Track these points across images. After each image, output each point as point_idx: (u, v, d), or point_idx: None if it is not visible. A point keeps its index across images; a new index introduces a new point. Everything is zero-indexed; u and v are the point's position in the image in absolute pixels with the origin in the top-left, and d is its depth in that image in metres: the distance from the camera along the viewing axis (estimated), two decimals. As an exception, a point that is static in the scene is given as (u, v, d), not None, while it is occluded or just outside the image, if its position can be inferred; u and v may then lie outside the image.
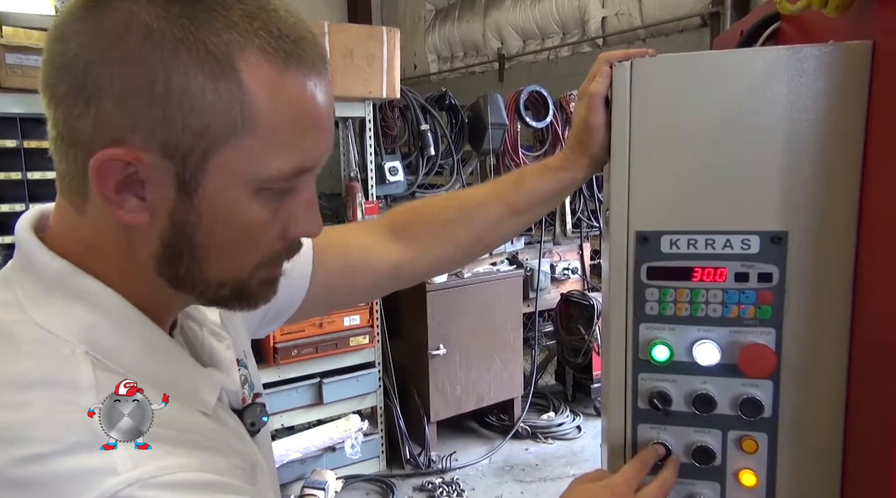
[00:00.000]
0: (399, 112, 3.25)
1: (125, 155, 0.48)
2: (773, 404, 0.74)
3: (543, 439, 3.42)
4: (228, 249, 0.53)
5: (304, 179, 0.54)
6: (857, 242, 0.70)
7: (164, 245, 0.52)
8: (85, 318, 0.52)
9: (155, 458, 0.47)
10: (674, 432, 0.78)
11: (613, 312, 0.79)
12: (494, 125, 3.38)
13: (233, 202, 0.51)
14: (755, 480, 0.75)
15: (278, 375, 2.78)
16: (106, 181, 0.48)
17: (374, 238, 0.89)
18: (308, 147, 0.52)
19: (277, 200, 0.53)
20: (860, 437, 0.71)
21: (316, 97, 0.52)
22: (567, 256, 3.83)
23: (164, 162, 0.49)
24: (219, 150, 0.49)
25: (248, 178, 0.50)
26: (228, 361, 0.66)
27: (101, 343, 0.51)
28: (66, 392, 0.47)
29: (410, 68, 6.64)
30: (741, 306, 0.74)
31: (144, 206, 0.50)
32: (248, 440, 0.64)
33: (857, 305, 0.70)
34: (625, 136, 0.75)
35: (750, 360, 0.72)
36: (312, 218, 0.56)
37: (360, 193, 3.02)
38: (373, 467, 3.10)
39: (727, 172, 0.73)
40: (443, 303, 3.14)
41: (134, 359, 0.52)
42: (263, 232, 0.54)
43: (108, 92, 0.47)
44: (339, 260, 0.86)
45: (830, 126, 0.69)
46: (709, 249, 0.74)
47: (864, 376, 0.70)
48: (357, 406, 3.02)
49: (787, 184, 0.71)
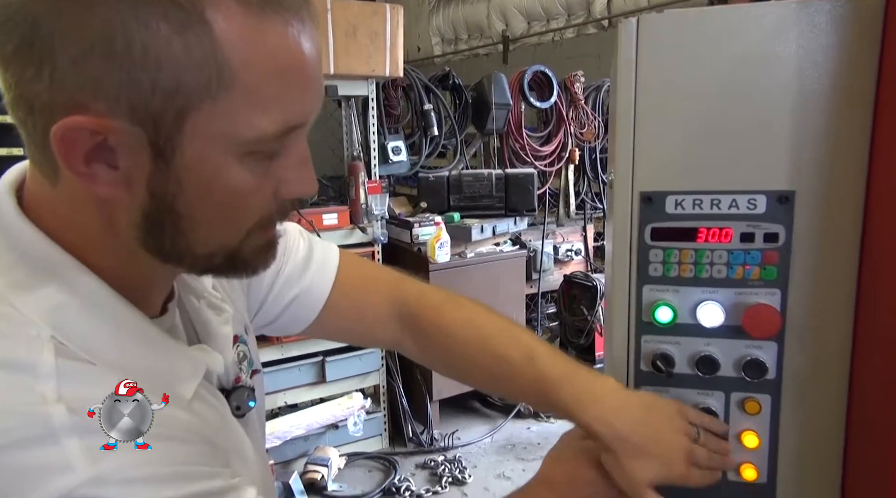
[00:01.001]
0: (402, 91, 3.23)
1: (89, 123, 0.43)
2: (777, 366, 0.73)
3: (545, 418, 3.43)
4: (215, 219, 0.49)
5: (293, 137, 0.49)
6: (866, 201, 0.69)
7: (146, 217, 0.48)
8: (54, 297, 0.48)
9: (114, 453, 0.44)
10: (676, 395, 0.77)
11: (616, 274, 0.78)
12: (498, 105, 3.36)
13: (215, 168, 0.46)
14: (758, 442, 0.75)
15: (281, 353, 2.78)
16: (72, 153, 0.44)
17: (382, 311, 0.84)
18: (294, 103, 0.47)
19: (265, 163, 0.49)
20: (864, 398, 0.70)
21: (300, 45, 0.46)
22: (570, 237, 3.81)
23: (135, 128, 0.44)
24: (194, 112, 0.44)
25: (230, 141, 0.45)
26: (223, 338, 0.63)
27: (68, 326, 0.47)
28: (26, 377, 0.44)
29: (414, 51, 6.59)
30: (746, 267, 0.73)
31: (119, 176, 0.46)
32: (232, 423, 0.62)
33: (864, 264, 0.69)
34: (630, 95, 0.74)
35: (754, 320, 0.72)
36: (305, 177, 0.52)
37: (362, 173, 3.01)
38: (375, 445, 3.11)
39: (734, 131, 0.71)
40: (446, 283, 3.13)
41: (103, 345, 0.49)
42: (252, 198, 0.49)
43: (62, 51, 0.41)
44: (355, 296, 0.83)
45: (841, 82, 0.68)
46: (714, 209, 0.73)
47: (870, 336, 0.69)
48: (360, 384, 3.03)
49: (795, 142, 0.70)
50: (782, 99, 0.69)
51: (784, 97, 0.69)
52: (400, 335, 0.84)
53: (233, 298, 0.71)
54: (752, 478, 0.76)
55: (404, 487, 2.78)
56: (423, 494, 2.78)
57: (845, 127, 0.68)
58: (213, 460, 0.51)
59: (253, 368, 0.70)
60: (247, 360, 0.69)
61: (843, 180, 0.69)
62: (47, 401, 0.43)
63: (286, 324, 0.82)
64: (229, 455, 0.57)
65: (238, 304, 0.72)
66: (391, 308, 0.84)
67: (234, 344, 0.66)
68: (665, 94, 0.73)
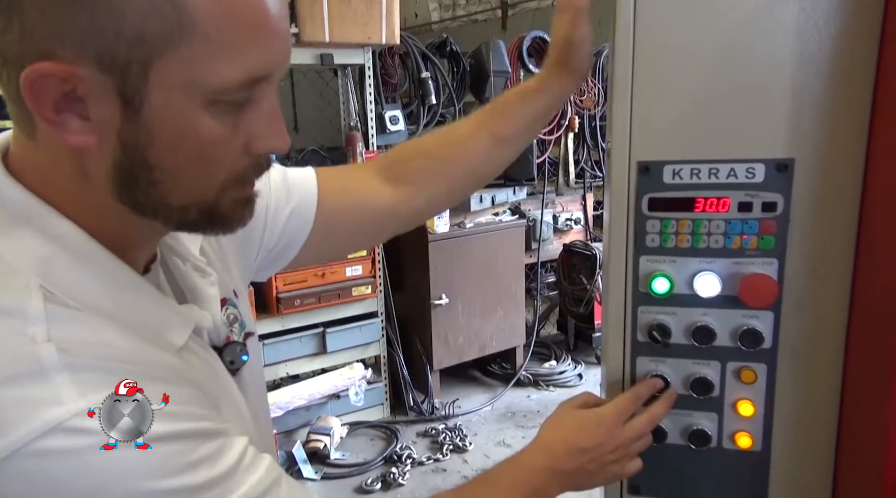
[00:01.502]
0: (399, 59, 3.18)
1: (57, 70, 0.44)
2: (773, 335, 0.73)
3: (545, 387, 3.47)
4: (186, 170, 0.50)
5: (261, 90, 0.50)
6: (866, 169, 0.68)
7: (118, 168, 0.49)
8: (42, 249, 0.49)
9: (103, 387, 0.45)
10: (673, 365, 0.77)
11: (613, 245, 0.78)
12: (497, 73, 3.31)
13: (182, 117, 0.47)
14: (753, 410, 0.75)
15: (282, 324, 2.80)
16: (42, 99, 0.45)
17: (369, 181, 0.87)
18: (257, 53, 0.48)
19: (234, 114, 0.50)
20: (859, 367, 0.70)
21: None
22: (570, 206, 3.81)
23: (103, 76, 0.45)
24: (158, 61, 0.45)
25: (195, 89, 0.47)
26: (211, 298, 0.64)
27: (56, 276, 0.49)
28: (16, 322, 0.45)
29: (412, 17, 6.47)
30: (744, 237, 0.72)
31: (89, 126, 0.47)
32: (226, 377, 0.63)
33: (862, 233, 0.69)
34: (628, 62, 0.73)
35: (751, 290, 0.71)
36: (276, 131, 0.53)
37: (360, 143, 2.99)
38: (377, 414, 3.15)
39: (733, 98, 0.70)
40: (445, 253, 3.14)
41: (92, 294, 0.50)
42: (222, 149, 0.50)
43: (29, 0, 0.43)
44: (339, 200, 0.84)
45: (842, 47, 0.66)
46: (712, 178, 0.72)
47: (866, 306, 0.69)
48: (360, 355, 3.06)
49: (794, 109, 0.68)
50: (782, 65, 0.68)
51: (784, 63, 0.68)
52: (390, 190, 0.86)
53: (226, 258, 0.72)
54: (747, 446, 0.77)
55: (406, 455, 2.82)
56: (424, 461, 2.83)
57: (846, 93, 0.67)
58: (201, 404, 0.52)
59: (246, 331, 0.71)
60: (238, 322, 0.70)
61: (843, 148, 0.68)
62: (37, 341, 0.45)
63: (291, 240, 0.82)
64: (221, 404, 0.57)
65: (230, 264, 0.73)
66: (377, 173, 0.88)
67: (223, 307, 0.67)
68: (664, 60, 0.72)
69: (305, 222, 0.81)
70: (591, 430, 0.74)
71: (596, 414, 0.76)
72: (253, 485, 0.51)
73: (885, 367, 0.63)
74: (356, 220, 0.87)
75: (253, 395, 0.70)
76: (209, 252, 0.69)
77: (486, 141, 0.87)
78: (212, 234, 0.58)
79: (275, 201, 0.79)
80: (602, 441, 0.74)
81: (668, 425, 0.78)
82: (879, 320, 0.66)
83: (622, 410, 0.75)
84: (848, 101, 0.67)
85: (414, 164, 0.89)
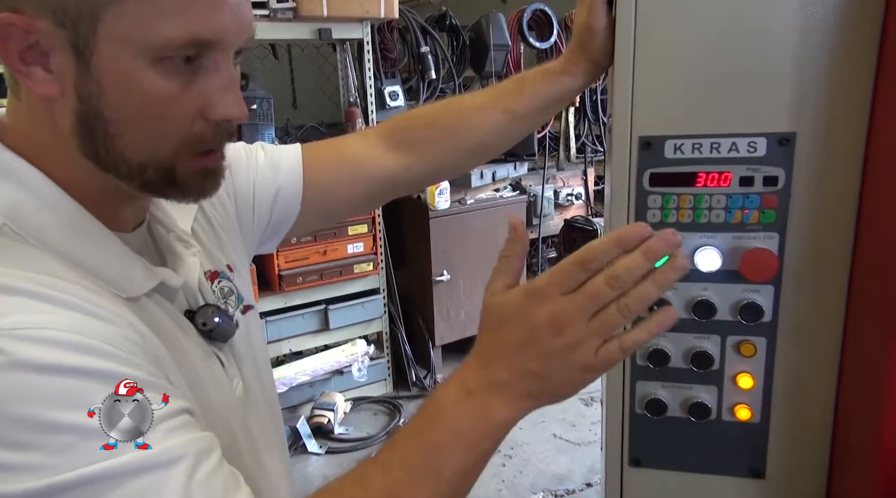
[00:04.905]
0: (398, 34, 3.14)
1: (19, 20, 0.48)
2: (774, 309, 0.74)
3: (546, 362, 3.49)
4: (137, 123, 0.52)
5: (212, 57, 0.53)
6: (867, 143, 0.67)
7: (78, 120, 0.52)
8: (13, 194, 0.52)
9: (26, 311, 0.45)
10: (672, 339, 0.78)
11: (615, 221, 0.78)
12: (497, 47, 3.27)
13: (128, 71, 0.50)
14: (752, 383, 0.76)
15: (284, 301, 2.81)
16: (8, 48, 0.49)
17: (369, 147, 0.88)
18: (200, 13, 0.50)
19: (186, 76, 0.52)
20: (858, 341, 0.71)
21: None
22: (571, 181, 3.79)
23: (59, 30, 0.49)
24: (103, 14, 0.49)
25: (140, 44, 0.49)
26: (191, 266, 0.66)
27: (22, 219, 0.51)
28: None
29: (410, -11, 6.38)
30: (745, 211, 0.72)
31: (52, 77, 0.51)
32: (194, 341, 0.62)
33: (863, 207, 0.69)
34: (629, 36, 0.72)
35: (751, 264, 0.72)
36: (231, 99, 0.55)
37: (359, 119, 2.97)
38: (380, 390, 3.18)
39: (735, 71, 0.70)
40: (446, 229, 3.14)
41: (56, 238, 0.52)
42: (172, 107, 0.53)
43: None
44: (331, 171, 0.85)
45: (846, 19, 0.65)
46: (714, 153, 0.72)
47: (866, 281, 0.69)
48: (363, 331, 3.08)
49: (797, 82, 0.68)
50: (784, 37, 0.67)
51: (786, 35, 0.67)
52: (391, 156, 0.87)
53: (219, 237, 0.74)
54: (746, 418, 0.78)
55: (409, 429, 2.86)
56: (427, 435, 2.86)
57: (849, 67, 0.66)
58: (140, 354, 0.49)
59: (245, 304, 0.73)
60: (234, 295, 0.71)
61: (845, 122, 0.68)
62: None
63: (284, 217, 0.84)
64: (171, 365, 0.55)
65: (225, 242, 0.75)
66: (378, 138, 0.88)
67: (215, 280, 0.69)
68: (665, 34, 0.71)
69: (293, 199, 0.83)
70: (514, 313, 0.51)
71: (521, 288, 0.52)
72: (165, 448, 0.46)
73: (883, 341, 0.64)
74: (352, 189, 0.88)
75: (249, 366, 0.71)
76: (199, 232, 0.71)
77: (499, 114, 0.87)
78: (174, 199, 0.59)
79: (261, 181, 0.81)
80: (537, 323, 0.49)
81: (667, 398, 0.79)
82: (879, 295, 0.66)
83: (561, 276, 0.49)
84: (851, 75, 0.67)
85: (419, 133, 0.90)
